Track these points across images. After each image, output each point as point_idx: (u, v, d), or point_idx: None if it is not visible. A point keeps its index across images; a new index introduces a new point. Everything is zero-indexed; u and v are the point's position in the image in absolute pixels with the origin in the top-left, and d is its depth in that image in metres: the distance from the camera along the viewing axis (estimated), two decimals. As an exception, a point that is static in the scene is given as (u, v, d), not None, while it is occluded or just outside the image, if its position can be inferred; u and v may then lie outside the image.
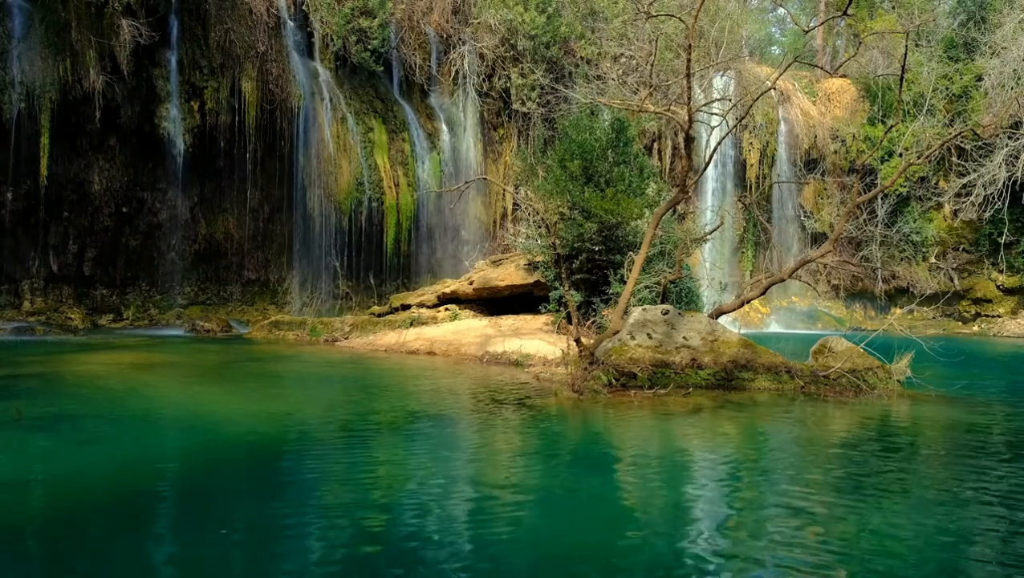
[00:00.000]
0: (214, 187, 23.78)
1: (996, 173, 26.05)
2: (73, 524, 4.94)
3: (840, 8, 30.09)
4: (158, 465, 6.61)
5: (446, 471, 6.54)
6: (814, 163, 30.12)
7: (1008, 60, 26.42)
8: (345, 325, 19.42)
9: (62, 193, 21.31)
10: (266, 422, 8.49)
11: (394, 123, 25.60)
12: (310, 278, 24.56)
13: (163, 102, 21.77)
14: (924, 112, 26.48)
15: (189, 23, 22.14)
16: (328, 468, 6.50)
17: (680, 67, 21.44)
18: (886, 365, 11.39)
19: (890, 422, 9.38)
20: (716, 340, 11.75)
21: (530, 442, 7.87)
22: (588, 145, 17.09)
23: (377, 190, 24.70)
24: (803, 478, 6.52)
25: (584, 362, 10.80)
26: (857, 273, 28.49)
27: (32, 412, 8.32)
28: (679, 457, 7.42)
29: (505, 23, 26.18)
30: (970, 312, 29.17)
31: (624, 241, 16.42)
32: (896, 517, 5.32)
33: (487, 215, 27.69)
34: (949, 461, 7.29)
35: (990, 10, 28.42)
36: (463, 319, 18.99)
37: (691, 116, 11.66)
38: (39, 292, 21.70)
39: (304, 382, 12.45)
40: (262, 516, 5.24)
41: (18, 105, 19.61)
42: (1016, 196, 26.69)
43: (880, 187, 14.88)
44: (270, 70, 23.19)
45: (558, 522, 5.23)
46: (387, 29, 25.29)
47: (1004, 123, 26.51)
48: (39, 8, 19.76)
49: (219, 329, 20.96)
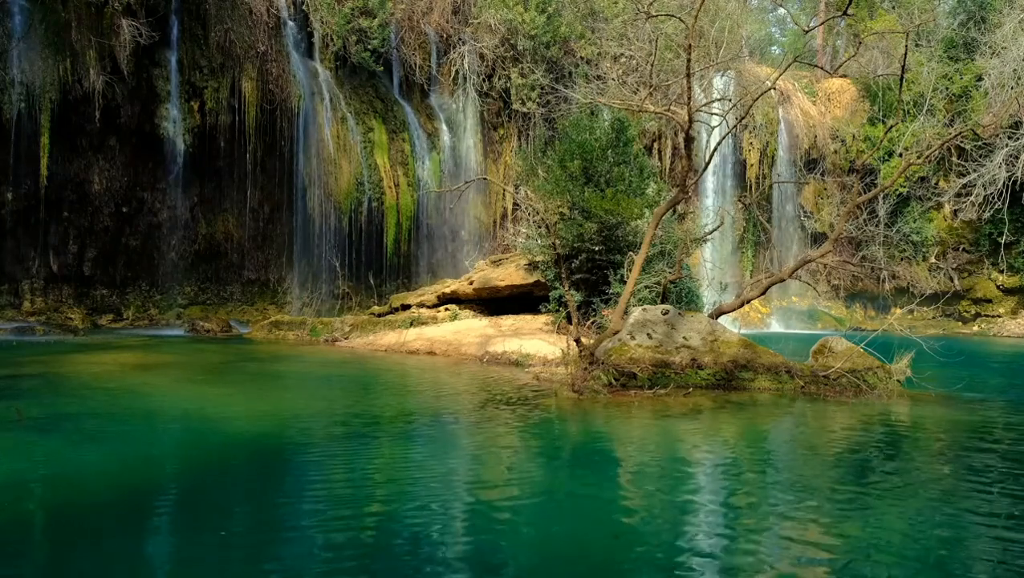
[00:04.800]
0: (214, 187, 23.77)
1: (996, 173, 26.05)
2: (73, 524, 4.94)
3: (840, 8, 30.06)
4: (158, 465, 6.61)
5: (446, 471, 6.54)
6: (814, 163, 30.12)
7: (1008, 60, 26.41)
8: (345, 325, 19.41)
9: (62, 193, 21.30)
10: (266, 422, 8.49)
11: (394, 123, 25.60)
12: (310, 278, 24.55)
13: (163, 102, 21.76)
14: (924, 112, 26.47)
15: (189, 23, 22.13)
16: (328, 468, 6.50)
17: (680, 67, 21.43)
18: (886, 365, 11.38)
19: (890, 422, 9.37)
20: (716, 340, 11.75)
21: (530, 442, 7.87)
22: (588, 145, 17.10)
23: (377, 190, 24.71)
24: (803, 478, 6.52)
25: (584, 362, 10.80)
26: (857, 273, 28.50)
27: (32, 412, 8.32)
28: (679, 457, 7.41)
29: (505, 23, 26.19)
30: (970, 312, 29.17)
31: (624, 241, 16.43)
32: (896, 517, 5.32)
33: (487, 215, 27.69)
34: (949, 461, 7.29)
35: (990, 10, 28.41)
36: (463, 319, 18.98)
37: (691, 116, 11.66)
38: (39, 292, 21.69)
39: (304, 382, 12.45)
40: (262, 516, 5.25)
41: (18, 105, 19.61)
42: (1016, 196, 26.70)
43: (880, 187, 14.88)
44: (270, 70, 23.19)
45: (558, 522, 5.23)
46: (387, 29, 25.29)
47: (1004, 123, 26.50)
48: (39, 8, 19.76)
49: (219, 329, 20.95)
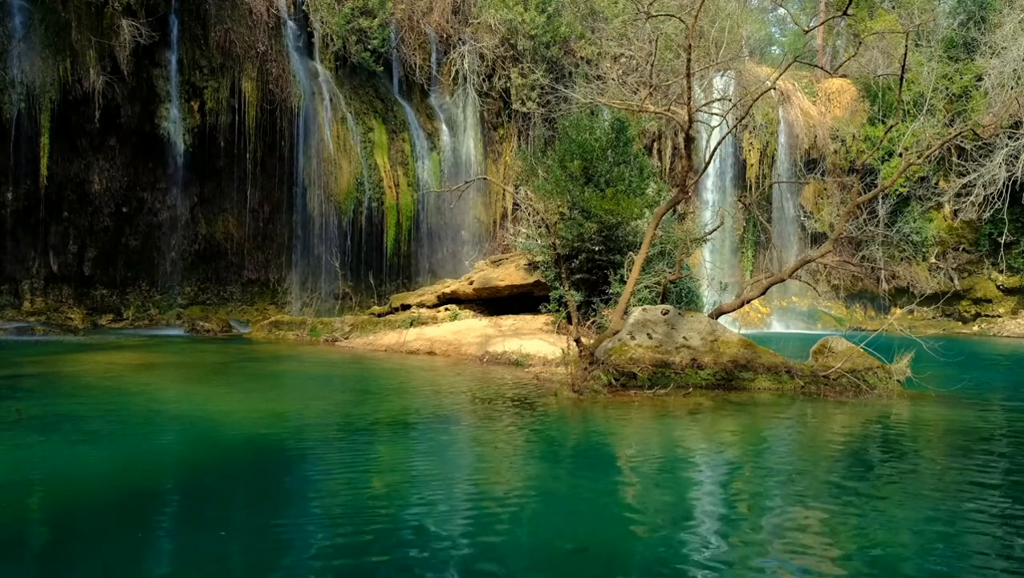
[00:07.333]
0: (214, 187, 23.78)
1: (996, 173, 26.06)
2: (73, 524, 4.94)
3: (840, 8, 30.08)
4: (158, 465, 6.61)
5: (446, 471, 6.54)
6: (814, 163, 30.12)
7: (1008, 60, 26.43)
8: (345, 325, 19.41)
9: (62, 193, 21.31)
10: (266, 422, 8.48)
11: (394, 123, 25.60)
12: (310, 278, 24.56)
13: (163, 102, 21.77)
14: (924, 112, 26.46)
15: (189, 23, 22.14)
16: (328, 468, 6.50)
17: (680, 67, 21.44)
18: (886, 365, 11.38)
19: (890, 422, 9.37)
20: (716, 340, 11.75)
21: (530, 442, 7.86)
22: (588, 145, 17.09)
23: (377, 190, 24.71)
24: (803, 478, 6.52)
25: (584, 362, 10.80)
26: (857, 273, 28.50)
27: (32, 412, 8.32)
28: (679, 457, 7.41)
29: (505, 23, 26.19)
30: (970, 312, 29.18)
31: (624, 241, 16.43)
32: (896, 517, 5.32)
33: (487, 215, 27.70)
34: (949, 461, 7.29)
35: (990, 10, 28.42)
36: (463, 319, 18.98)
37: (691, 116, 11.66)
38: (39, 292, 21.69)
39: (304, 382, 12.45)
40: (262, 516, 5.25)
41: (18, 105, 19.62)
42: (1016, 196, 26.71)
43: (880, 187, 14.87)
44: (270, 70, 23.19)
45: (558, 522, 5.23)
46: (387, 29, 25.30)
47: (1004, 123, 26.51)
48: (39, 8, 19.76)
49: (219, 329, 20.95)
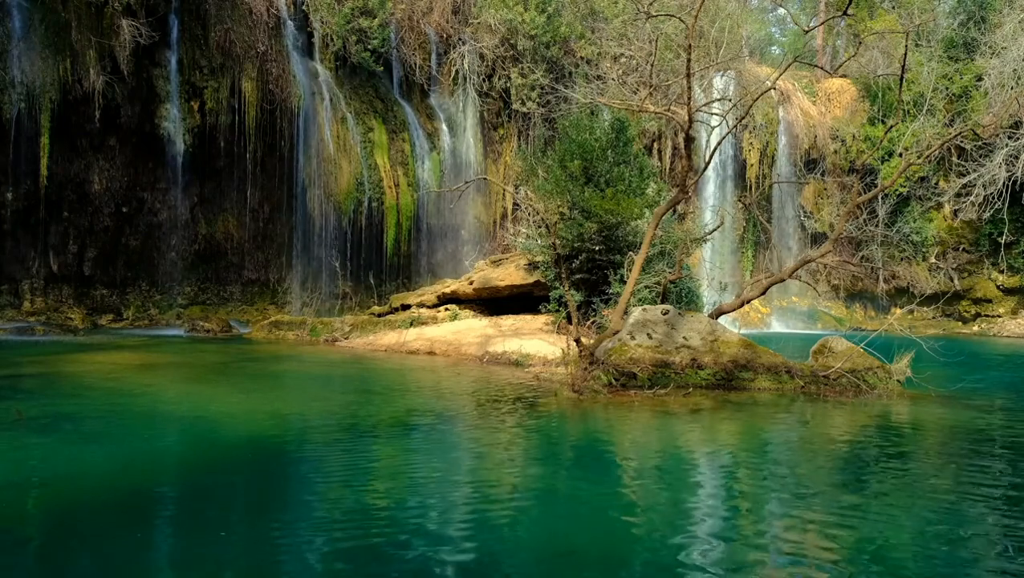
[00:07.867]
0: (214, 187, 23.78)
1: (996, 173, 26.06)
2: (73, 524, 4.94)
3: (840, 8, 30.07)
4: (158, 465, 6.61)
5: (446, 471, 6.54)
6: (814, 163, 30.12)
7: (1008, 60, 26.42)
8: (345, 325, 19.41)
9: (62, 193, 21.31)
10: (266, 422, 8.48)
11: (394, 123, 25.60)
12: (310, 278, 24.56)
13: (163, 102, 21.77)
14: (924, 112, 26.46)
15: (189, 23, 22.14)
16: (328, 468, 6.50)
17: (680, 67, 21.44)
18: (886, 365, 11.38)
19: (890, 422, 9.37)
20: (716, 340, 11.75)
21: (530, 442, 7.87)
22: (588, 145, 17.09)
23: (377, 190, 24.71)
24: (803, 478, 6.52)
25: (584, 362, 10.80)
26: (857, 273, 28.50)
27: (32, 412, 8.32)
28: (679, 457, 7.41)
29: (505, 23, 26.18)
30: (970, 312, 29.17)
31: (624, 241, 16.42)
32: (896, 517, 5.32)
33: (487, 215, 27.70)
34: (949, 461, 7.29)
35: (990, 10, 28.42)
36: (463, 319, 18.98)
37: (691, 116, 11.66)
38: (39, 292, 21.69)
39: (304, 382, 12.45)
40: (262, 516, 5.25)
41: (18, 105, 19.61)
42: (1016, 196, 26.70)
43: (880, 187, 14.87)
44: (270, 70, 23.19)
45: (558, 522, 5.23)
46: (387, 29, 25.29)
47: (1004, 123, 26.51)
48: (39, 8, 19.76)
49: (219, 329, 20.94)
